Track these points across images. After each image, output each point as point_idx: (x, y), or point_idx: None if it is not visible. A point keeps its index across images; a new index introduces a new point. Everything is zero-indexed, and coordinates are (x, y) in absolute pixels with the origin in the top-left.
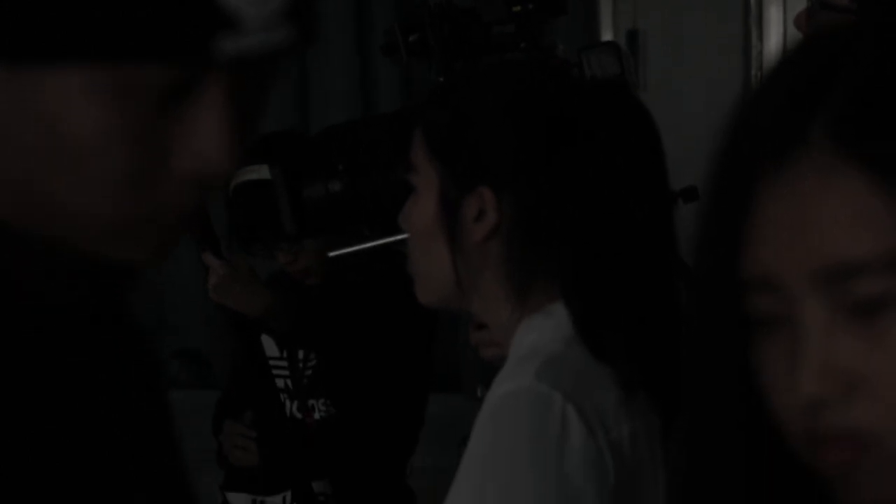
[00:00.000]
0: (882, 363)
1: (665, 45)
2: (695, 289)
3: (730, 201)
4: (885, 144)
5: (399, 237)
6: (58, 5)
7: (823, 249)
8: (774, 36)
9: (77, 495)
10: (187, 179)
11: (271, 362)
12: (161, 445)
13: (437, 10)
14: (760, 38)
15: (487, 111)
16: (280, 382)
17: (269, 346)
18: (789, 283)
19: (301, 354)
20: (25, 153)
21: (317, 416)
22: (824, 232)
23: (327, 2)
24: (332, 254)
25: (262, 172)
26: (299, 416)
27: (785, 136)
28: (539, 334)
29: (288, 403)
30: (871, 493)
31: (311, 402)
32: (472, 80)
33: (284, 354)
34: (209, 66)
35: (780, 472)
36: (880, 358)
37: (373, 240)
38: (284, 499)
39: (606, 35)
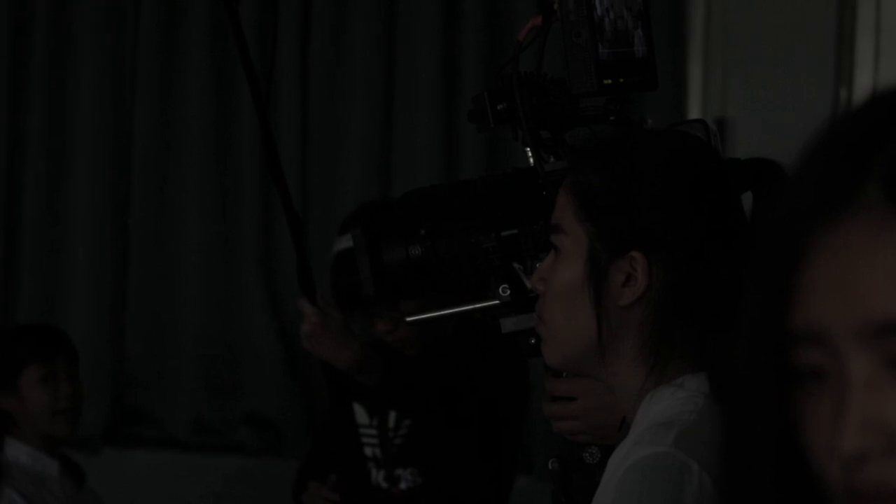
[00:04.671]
0: None
1: (752, 134)
2: (739, 341)
3: (780, 255)
4: None
5: (482, 305)
6: None
7: (871, 305)
8: None
9: None
10: None
11: (361, 430)
12: None
13: (526, 80)
14: None
15: (646, 175)
16: (368, 451)
17: (360, 413)
18: (836, 338)
19: (392, 423)
20: None
21: (403, 486)
22: (873, 288)
23: (417, 70)
24: (409, 319)
25: None
26: (385, 485)
27: (838, 191)
28: (669, 404)
29: (374, 472)
30: None
31: (398, 471)
32: (626, 144)
33: (375, 422)
34: None
35: None
36: None
37: (455, 306)
38: None
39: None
